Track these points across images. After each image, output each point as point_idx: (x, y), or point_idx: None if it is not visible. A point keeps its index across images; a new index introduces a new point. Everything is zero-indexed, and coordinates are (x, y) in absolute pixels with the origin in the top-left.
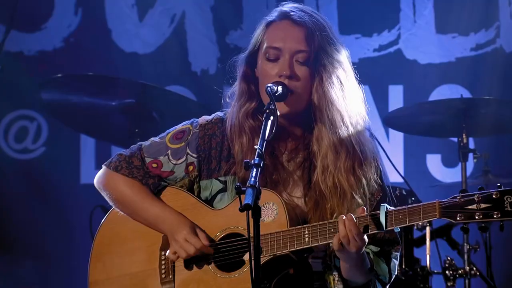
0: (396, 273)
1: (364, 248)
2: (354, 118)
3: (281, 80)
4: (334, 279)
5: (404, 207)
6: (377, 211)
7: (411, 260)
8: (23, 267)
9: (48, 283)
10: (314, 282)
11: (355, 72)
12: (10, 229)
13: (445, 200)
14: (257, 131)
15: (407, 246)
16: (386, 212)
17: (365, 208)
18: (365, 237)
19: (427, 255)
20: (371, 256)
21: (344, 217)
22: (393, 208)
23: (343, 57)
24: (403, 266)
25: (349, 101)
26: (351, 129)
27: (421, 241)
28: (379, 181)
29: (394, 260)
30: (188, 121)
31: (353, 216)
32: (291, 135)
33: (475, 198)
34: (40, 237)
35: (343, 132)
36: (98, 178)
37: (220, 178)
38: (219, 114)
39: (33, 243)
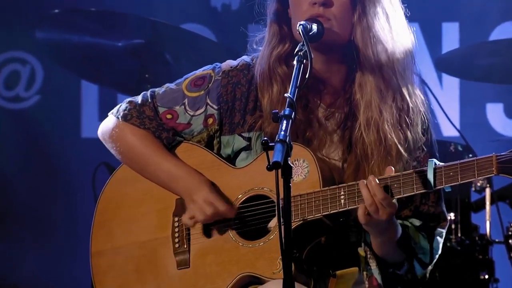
0: (440, 252)
1: (394, 217)
2: (402, 59)
3: (315, 8)
4: (366, 256)
5: (455, 162)
6: (424, 167)
7: (468, 227)
8: (18, 235)
9: (46, 252)
10: (350, 253)
11: (403, 8)
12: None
13: (503, 153)
14: (290, 79)
15: (463, 211)
16: (435, 168)
17: (392, 168)
18: (395, 201)
19: (486, 222)
20: (410, 232)
21: (365, 181)
22: (443, 164)
23: None
24: (459, 235)
25: (397, 39)
26: (398, 73)
27: (480, 205)
28: (427, 141)
29: (438, 238)
30: (210, 65)
31: (376, 178)
32: (328, 86)
33: None
34: (36, 199)
35: (390, 75)
36: (103, 128)
37: (243, 134)
38: (245, 59)
39: (28, 205)
